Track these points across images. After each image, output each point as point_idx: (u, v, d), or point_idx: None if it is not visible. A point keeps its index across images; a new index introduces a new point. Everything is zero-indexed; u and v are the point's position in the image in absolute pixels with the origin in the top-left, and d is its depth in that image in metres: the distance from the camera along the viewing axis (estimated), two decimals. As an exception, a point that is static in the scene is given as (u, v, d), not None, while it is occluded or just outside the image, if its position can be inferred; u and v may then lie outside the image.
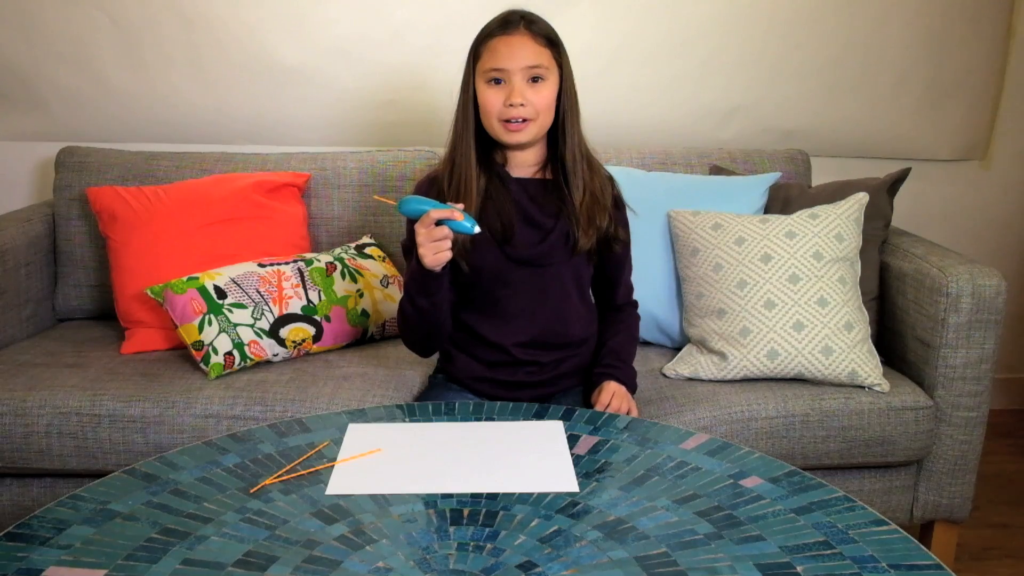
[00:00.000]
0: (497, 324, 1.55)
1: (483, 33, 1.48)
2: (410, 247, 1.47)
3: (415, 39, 2.29)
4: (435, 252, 1.36)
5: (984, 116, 2.46)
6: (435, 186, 1.53)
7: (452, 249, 1.38)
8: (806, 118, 2.41)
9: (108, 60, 2.28)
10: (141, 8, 2.24)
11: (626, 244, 1.62)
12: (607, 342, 1.61)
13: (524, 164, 1.54)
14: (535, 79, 1.45)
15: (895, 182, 1.91)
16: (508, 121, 1.45)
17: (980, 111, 2.45)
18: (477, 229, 1.34)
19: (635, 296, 1.70)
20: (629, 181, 1.80)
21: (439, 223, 1.34)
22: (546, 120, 1.48)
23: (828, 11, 2.32)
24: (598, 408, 1.48)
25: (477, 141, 1.50)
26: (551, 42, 1.47)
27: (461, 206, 1.35)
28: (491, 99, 1.46)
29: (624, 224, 1.61)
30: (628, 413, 1.48)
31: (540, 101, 1.45)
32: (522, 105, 1.44)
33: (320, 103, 2.34)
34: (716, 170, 2.11)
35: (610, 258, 1.60)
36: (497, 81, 1.45)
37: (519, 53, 1.44)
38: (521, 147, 1.51)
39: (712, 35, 2.32)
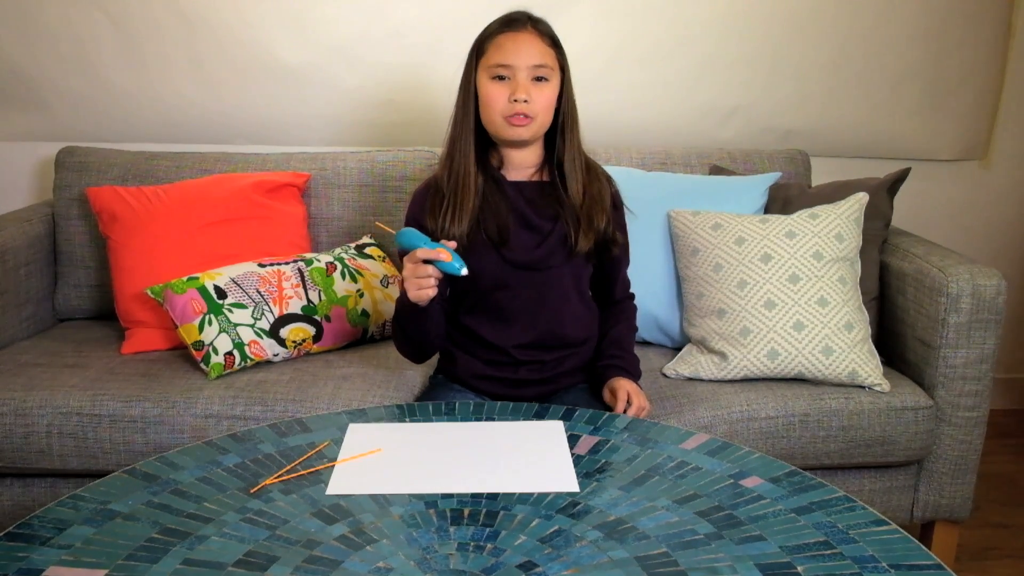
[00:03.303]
0: (497, 327, 1.55)
1: (487, 31, 1.49)
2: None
3: (415, 39, 2.29)
4: (418, 288, 1.38)
5: (984, 116, 2.46)
6: (433, 193, 1.52)
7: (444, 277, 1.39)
8: (806, 118, 2.40)
9: (108, 60, 2.28)
10: (141, 8, 2.24)
11: (624, 245, 1.62)
12: (608, 332, 1.62)
13: (521, 166, 1.54)
14: (539, 79, 1.46)
15: (895, 182, 1.91)
16: (511, 116, 1.46)
17: (980, 111, 2.45)
18: (464, 271, 1.35)
19: (635, 297, 1.70)
20: (629, 181, 1.81)
21: (427, 261, 1.35)
22: (545, 120, 1.49)
23: (828, 11, 2.32)
24: (630, 412, 1.46)
25: (476, 139, 1.50)
26: (555, 43, 1.49)
27: (453, 244, 1.37)
28: (495, 94, 1.46)
29: (622, 225, 1.61)
30: (642, 408, 1.47)
31: (542, 100, 1.46)
32: (526, 101, 1.44)
33: (320, 103, 2.34)
34: (716, 170, 2.11)
35: (608, 258, 1.59)
36: (501, 78, 1.46)
37: (526, 50, 1.45)
38: (520, 145, 1.51)
39: (712, 35, 2.32)
